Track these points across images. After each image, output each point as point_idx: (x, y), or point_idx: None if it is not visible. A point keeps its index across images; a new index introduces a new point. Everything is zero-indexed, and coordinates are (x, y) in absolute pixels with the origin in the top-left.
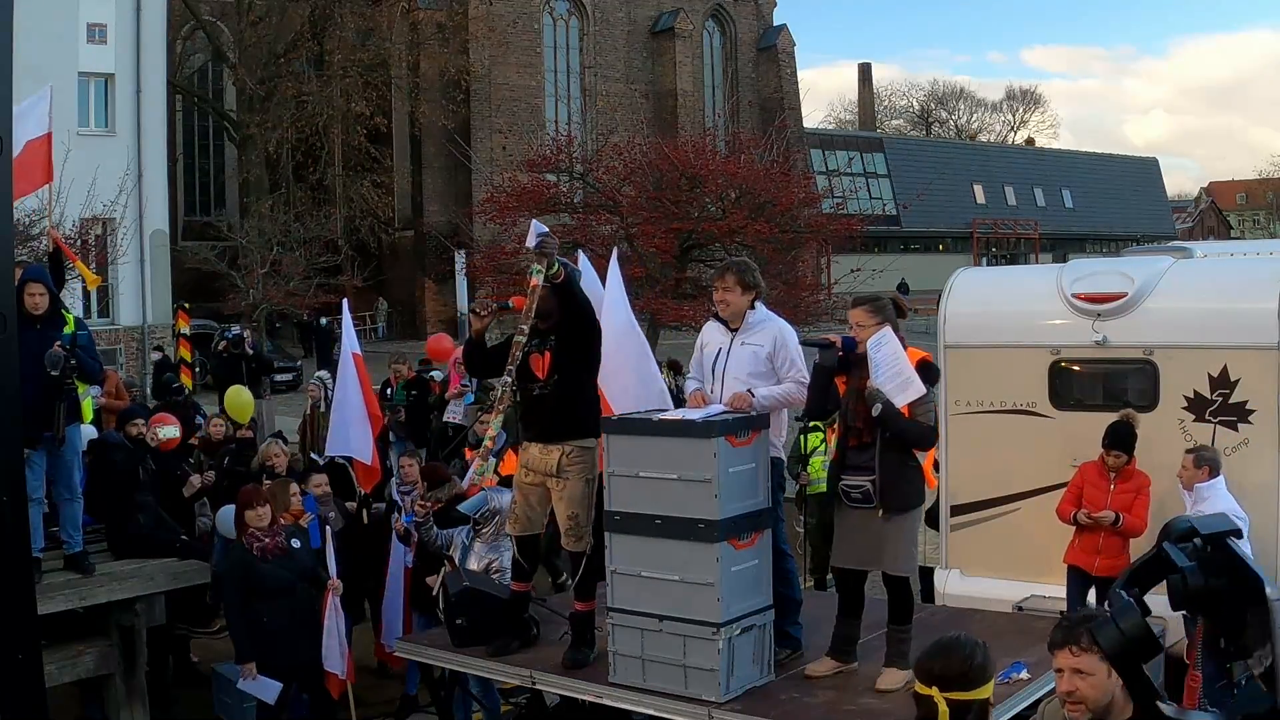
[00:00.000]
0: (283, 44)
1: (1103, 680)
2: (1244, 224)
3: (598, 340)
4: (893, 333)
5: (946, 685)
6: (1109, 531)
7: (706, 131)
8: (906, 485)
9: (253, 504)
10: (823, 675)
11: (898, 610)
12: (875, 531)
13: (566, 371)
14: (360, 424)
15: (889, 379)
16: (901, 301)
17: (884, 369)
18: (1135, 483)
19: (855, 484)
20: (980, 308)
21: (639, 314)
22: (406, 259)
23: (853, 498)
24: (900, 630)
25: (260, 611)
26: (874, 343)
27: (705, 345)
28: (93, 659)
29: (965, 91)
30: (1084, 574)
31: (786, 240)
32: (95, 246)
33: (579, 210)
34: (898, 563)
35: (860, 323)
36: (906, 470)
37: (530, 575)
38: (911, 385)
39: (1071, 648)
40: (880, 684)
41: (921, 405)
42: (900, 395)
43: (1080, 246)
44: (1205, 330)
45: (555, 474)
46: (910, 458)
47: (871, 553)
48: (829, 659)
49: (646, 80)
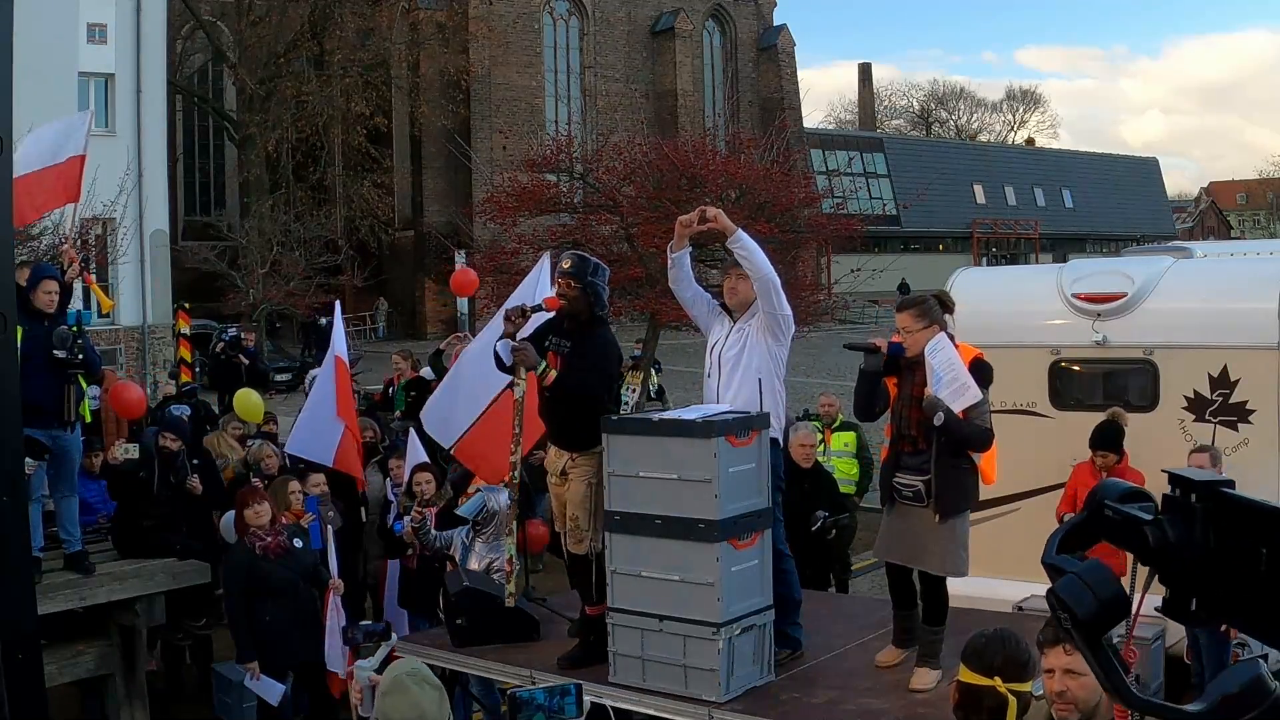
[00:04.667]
0: (283, 44)
1: (1093, 680)
2: (1244, 224)
3: (611, 355)
4: (946, 336)
5: (1009, 677)
6: None
7: (706, 131)
8: (959, 486)
9: (249, 503)
10: (891, 664)
11: (932, 610)
12: (923, 530)
13: (569, 389)
14: (328, 428)
15: (947, 384)
16: (947, 297)
17: (942, 375)
18: (1129, 480)
19: (908, 482)
20: (980, 308)
21: (639, 314)
22: (406, 259)
23: (904, 495)
24: (933, 630)
25: (262, 610)
26: (930, 349)
27: (710, 337)
28: (93, 659)
29: (965, 91)
30: None
31: (786, 240)
32: (95, 246)
33: (579, 210)
34: (944, 564)
35: (907, 327)
36: (960, 473)
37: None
38: (969, 390)
39: (1065, 646)
40: (913, 684)
41: (977, 408)
42: (958, 401)
43: (1080, 246)
44: (1205, 330)
45: (559, 475)
46: (965, 459)
47: (916, 550)
48: (894, 648)
49: (646, 80)
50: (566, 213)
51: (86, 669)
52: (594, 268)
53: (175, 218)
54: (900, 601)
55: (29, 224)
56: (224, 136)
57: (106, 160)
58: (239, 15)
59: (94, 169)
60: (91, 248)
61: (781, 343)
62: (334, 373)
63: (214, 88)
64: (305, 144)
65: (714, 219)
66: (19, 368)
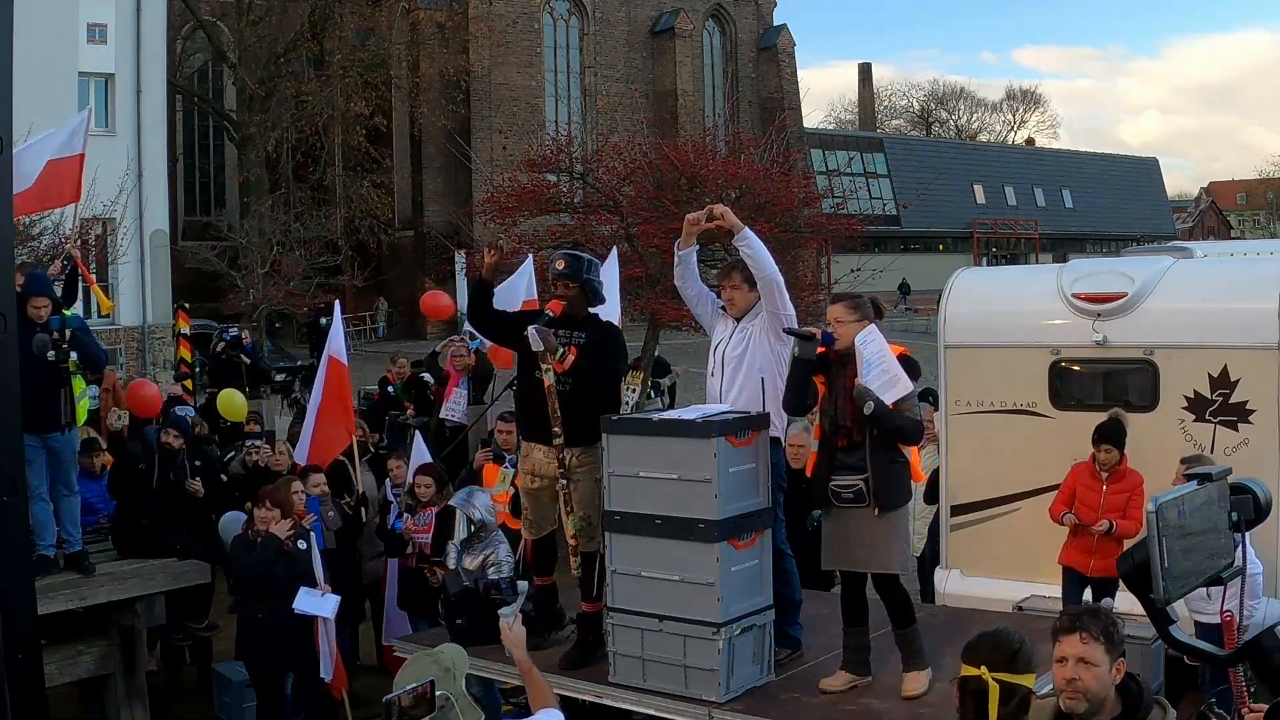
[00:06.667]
0: (283, 44)
1: (1104, 673)
2: (1244, 224)
3: (622, 345)
4: (877, 329)
5: (995, 666)
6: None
7: (706, 131)
8: (896, 482)
9: (262, 503)
10: (838, 690)
11: (897, 613)
12: (866, 531)
13: (589, 373)
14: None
15: (877, 375)
16: (879, 302)
17: (873, 366)
18: (1128, 482)
19: (847, 484)
20: (980, 308)
21: (639, 314)
22: (406, 259)
23: (843, 498)
24: (906, 632)
25: (257, 608)
26: (861, 339)
27: (713, 336)
28: (93, 659)
29: (965, 91)
30: (1079, 575)
31: (786, 240)
32: (95, 246)
33: (579, 210)
34: (891, 561)
35: (839, 319)
36: (896, 467)
37: (553, 569)
38: (899, 381)
39: (1081, 634)
40: (906, 691)
41: (907, 401)
42: (889, 392)
43: (1080, 246)
44: (1205, 330)
45: (565, 476)
46: (898, 454)
47: (863, 553)
48: (843, 673)
49: (646, 80)
50: (566, 213)
51: (86, 669)
52: (587, 264)
53: (175, 218)
54: (853, 617)
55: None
56: (224, 136)
57: (106, 160)
58: (239, 15)
59: (94, 169)
60: (91, 248)
61: (785, 342)
62: (326, 372)
63: (214, 88)
64: (305, 144)
65: (721, 216)
66: (19, 368)
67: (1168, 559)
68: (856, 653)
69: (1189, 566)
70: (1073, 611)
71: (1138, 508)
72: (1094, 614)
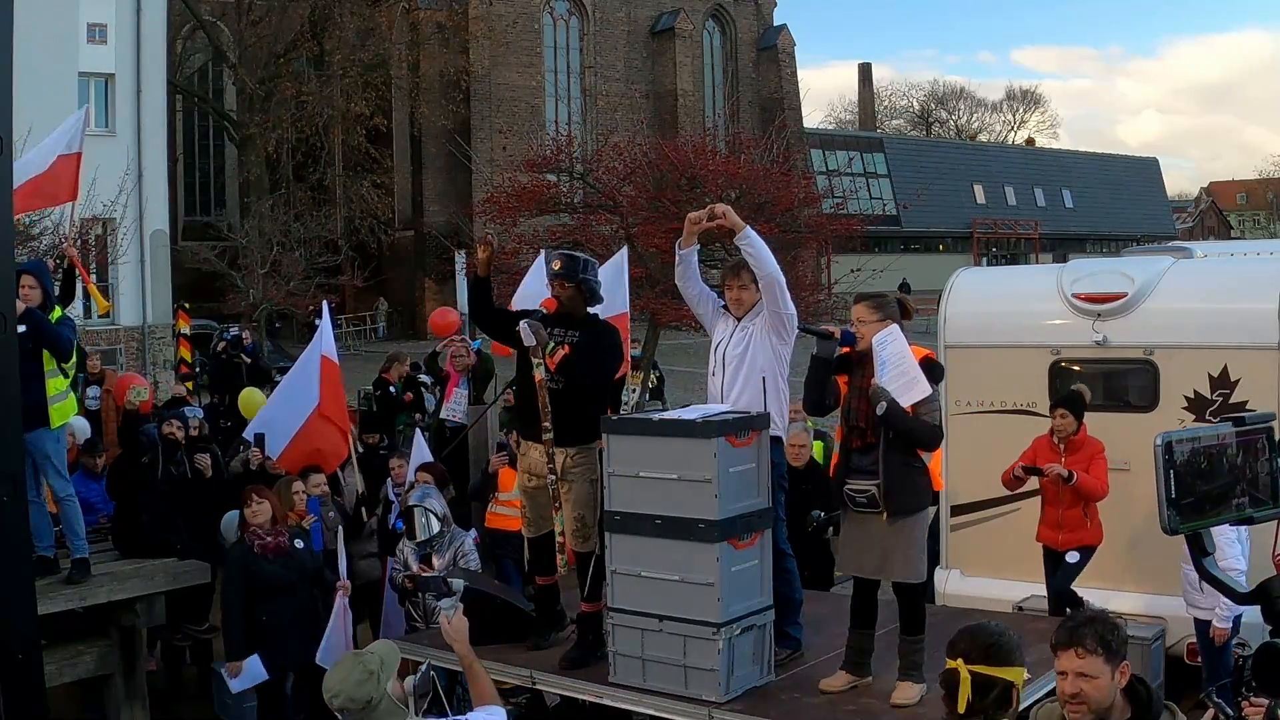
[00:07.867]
0: (283, 44)
1: (1106, 683)
2: (1244, 224)
3: (617, 345)
4: (899, 330)
5: (971, 658)
6: (1068, 504)
7: (706, 131)
8: (912, 487)
9: (249, 502)
10: (838, 690)
11: (909, 620)
12: (882, 538)
13: (579, 371)
14: (288, 423)
15: (894, 377)
16: (908, 302)
17: (890, 367)
18: (1087, 450)
19: (860, 488)
20: (980, 308)
21: (639, 314)
22: (406, 259)
23: (858, 502)
24: (913, 641)
25: (259, 610)
26: (879, 340)
27: (714, 336)
28: (93, 659)
29: (965, 91)
30: (1053, 552)
31: (787, 240)
32: (95, 247)
33: (579, 210)
34: (908, 570)
35: (862, 319)
36: (911, 472)
37: (553, 569)
38: (917, 384)
39: (1077, 649)
40: (895, 698)
41: (926, 405)
42: (906, 394)
43: (1080, 246)
44: (1205, 330)
45: (560, 477)
46: (915, 459)
47: (879, 560)
48: (844, 673)
49: (646, 80)
50: (566, 213)
51: (86, 669)
52: (584, 264)
53: (175, 218)
54: (861, 620)
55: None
56: (224, 136)
57: (106, 160)
58: (239, 15)
59: (94, 169)
60: (91, 248)
61: (785, 341)
62: (315, 371)
63: (214, 88)
64: (305, 144)
65: (723, 216)
66: (19, 368)
67: (1175, 489)
68: (858, 654)
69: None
70: (1069, 624)
71: (1101, 469)
72: (1090, 623)
